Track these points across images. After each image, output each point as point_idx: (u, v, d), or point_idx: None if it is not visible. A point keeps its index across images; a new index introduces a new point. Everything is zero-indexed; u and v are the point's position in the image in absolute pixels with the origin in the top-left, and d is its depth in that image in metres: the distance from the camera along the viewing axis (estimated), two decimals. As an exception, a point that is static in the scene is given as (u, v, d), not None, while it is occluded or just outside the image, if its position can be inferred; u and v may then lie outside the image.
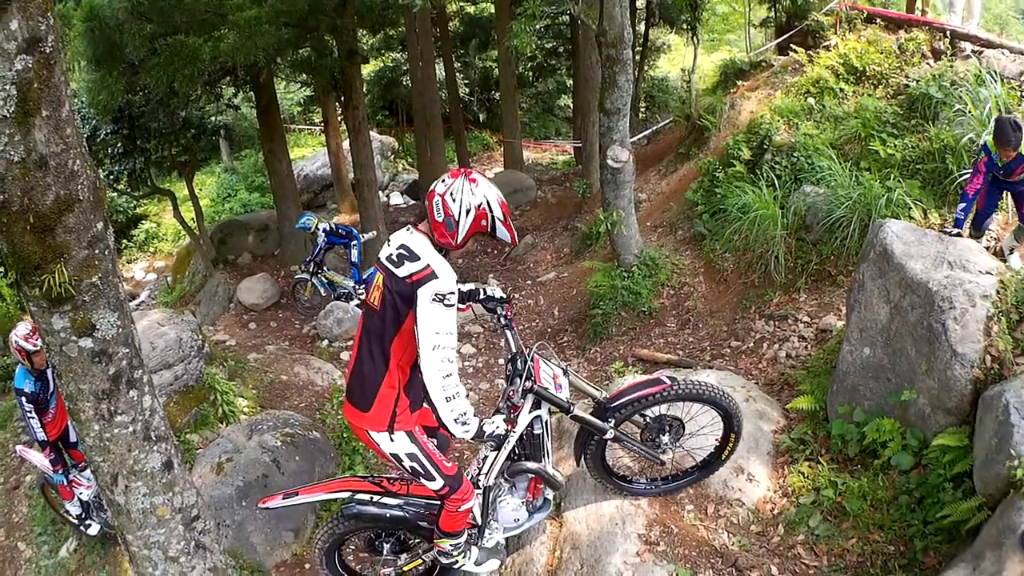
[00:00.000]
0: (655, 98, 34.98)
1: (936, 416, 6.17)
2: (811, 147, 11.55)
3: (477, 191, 5.03)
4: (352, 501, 5.84)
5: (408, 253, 4.99)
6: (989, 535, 4.99)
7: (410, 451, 5.34)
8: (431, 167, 22.19)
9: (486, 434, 5.50)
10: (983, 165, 8.08)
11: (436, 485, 5.48)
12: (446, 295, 4.80)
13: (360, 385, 5.28)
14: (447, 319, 4.83)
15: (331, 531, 6.06)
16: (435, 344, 4.80)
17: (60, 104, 3.87)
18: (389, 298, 4.99)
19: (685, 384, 6.08)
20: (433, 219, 5.04)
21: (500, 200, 5.14)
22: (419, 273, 4.86)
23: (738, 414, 6.29)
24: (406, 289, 4.87)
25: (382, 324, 5.08)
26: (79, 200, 4.07)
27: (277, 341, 15.42)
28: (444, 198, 4.99)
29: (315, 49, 17.41)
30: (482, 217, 5.05)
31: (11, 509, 10.53)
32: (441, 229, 5.04)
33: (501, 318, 6.18)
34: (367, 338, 5.23)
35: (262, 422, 10.04)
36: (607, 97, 11.50)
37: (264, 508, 5.94)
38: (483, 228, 5.10)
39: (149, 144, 19.58)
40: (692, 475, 6.70)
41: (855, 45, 13.45)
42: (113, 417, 4.70)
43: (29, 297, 4.28)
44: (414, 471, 5.43)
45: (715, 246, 12.19)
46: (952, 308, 6.06)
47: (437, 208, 5.00)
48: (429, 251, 5.00)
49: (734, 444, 6.47)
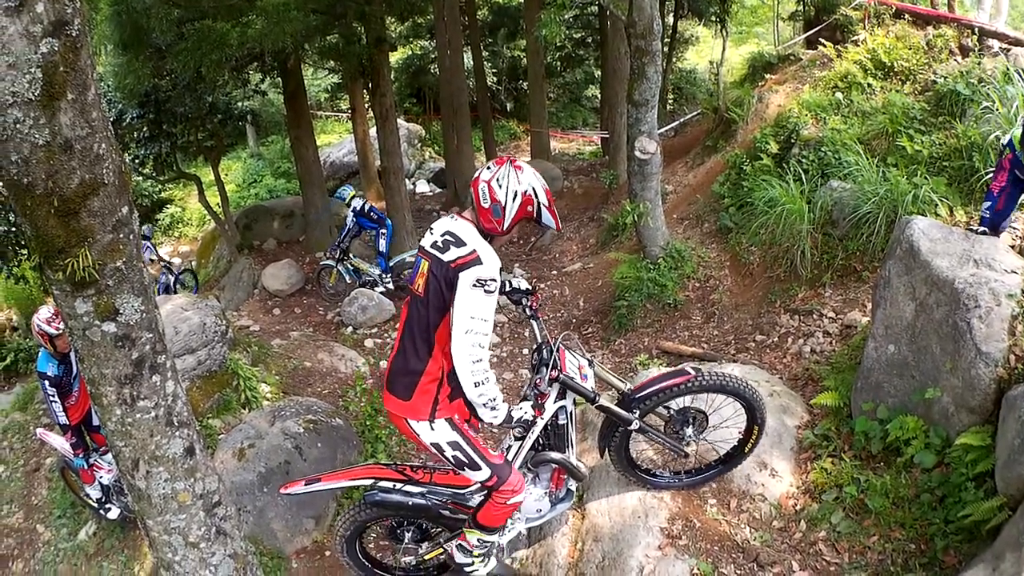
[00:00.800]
0: (683, 90, 34.90)
1: (959, 415, 6.12)
2: (838, 142, 11.48)
3: (523, 177, 5.08)
4: (374, 488, 5.85)
5: (454, 239, 5.01)
6: (1010, 535, 4.96)
7: (452, 439, 5.31)
8: (458, 155, 22.19)
9: (514, 419, 5.51)
10: (1007, 162, 7.99)
11: (483, 475, 5.45)
12: (487, 281, 4.82)
13: (402, 374, 5.27)
14: (485, 305, 4.86)
15: (353, 519, 6.07)
16: (468, 328, 4.82)
17: (86, 88, 3.87)
18: (434, 284, 4.99)
19: (709, 375, 6.05)
20: (479, 205, 5.07)
21: (545, 187, 5.19)
22: (464, 258, 4.88)
23: (761, 406, 6.26)
24: (450, 274, 4.89)
25: (427, 311, 5.08)
26: (104, 184, 4.07)
27: (301, 327, 15.44)
28: (490, 184, 5.03)
29: (343, 36, 17.43)
30: (528, 203, 5.09)
31: (31, 491, 10.59)
32: (487, 215, 5.07)
33: (526, 309, 6.19)
34: (411, 326, 5.22)
35: (285, 408, 10.06)
36: (635, 88, 11.46)
37: (286, 494, 5.97)
38: (529, 214, 5.15)
39: (175, 129, 19.64)
40: (715, 468, 6.67)
41: (883, 40, 13.36)
42: (135, 402, 4.71)
43: (52, 281, 4.28)
44: (457, 461, 5.39)
45: (741, 239, 12.15)
46: (977, 307, 6.01)
47: (483, 194, 5.05)
48: (475, 237, 5.02)
49: (757, 437, 6.43)
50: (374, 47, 17.37)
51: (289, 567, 8.49)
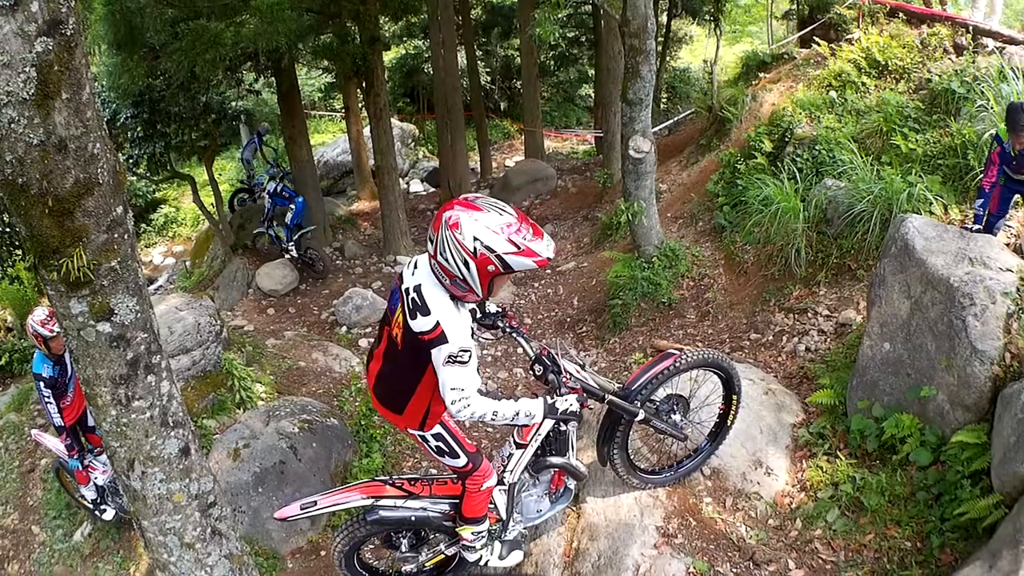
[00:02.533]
0: (676, 89, 34.86)
1: (955, 413, 6.15)
2: (833, 140, 11.51)
3: (464, 236, 4.42)
4: (375, 507, 5.81)
5: (421, 303, 4.66)
6: (1006, 533, 4.97)
7: (436, 432, 5.34)
8: (452, 155, 22.15)
9: (559, 411, 5.48)
10: (996, 156, 8.06)
11: (460, 462, 5.46)
12: (457, 355, 4.56)
13: (389, 393, 5.28)
14: (463, 374, 4.63)
15: (352, 535, 5.97)
16: (453, 399, 4.66)
17: (80, 87, 3.86)
18: (409, 343, 4.80)
19: (691, 353, 6.13)
20: (444, 285, 4.66)
21: (498, 227, 4.47)
22: (429, 334, 4.60)
23: (736, 375, 6.39)
24: (421, 344, 4.68)
25: (406, 363, 4.99)
26: (99, 183, 4.06)
27: (295, 327, 15.44)
28: (439, 262, 4.56)
29: (337, 35, 17.40)
30: (486, 263, 4.46)
31: (26, 492, 10.59)
32: (458, 292, 4.67)
33: (505, 329, 6.09)
34: (392, 361, 5.14)
35: (279, 408, 10.07)
36: (630, 87, 11.45)
37: (281, 520, 5.87)
38: (495, 272, 4.53)
39: (169, 128, 19.59)
40: (704, 450, 6.75)
41: (877, 39, 13.41)
42: (130, 402, 4.70)
43: (47, 281, 4.27)
44: (439, 450, 5.41)
45: (735, 238, 12.16)
46: (972, 305, 6.04)
47: (439, 274, 4.62)
48: (440, 304, 4.65)
49: (736, 406, 6.54)
50: (368, 46, 17.35)
51: (284, 567, 8.50)
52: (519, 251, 4.46)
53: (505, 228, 4.45)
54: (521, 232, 4.49)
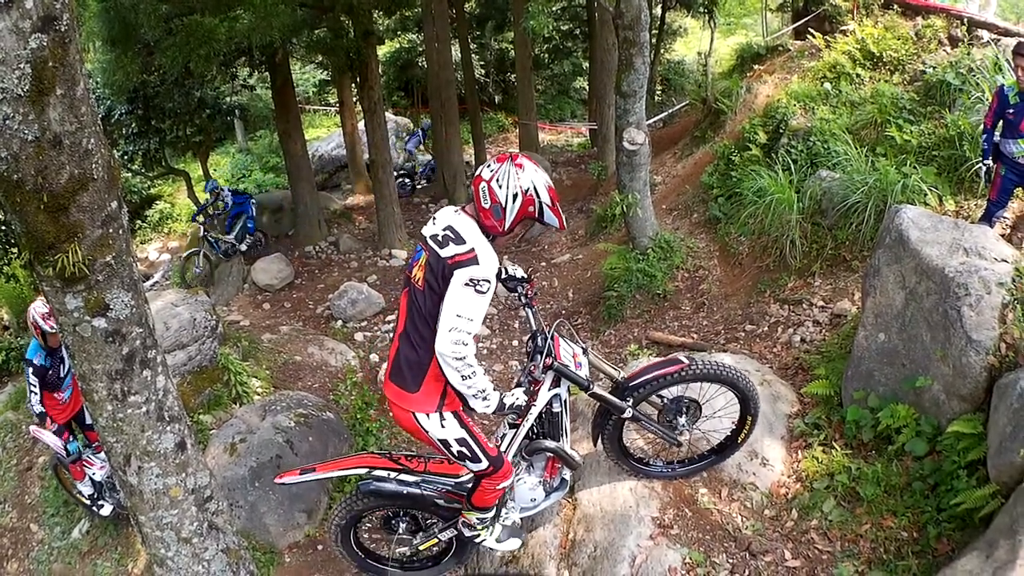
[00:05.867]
0: (671, 81, 34.83)
1: (950, 403, 6.15)
2: (827, 132, 11.51)
3: (524, 176, 4.98)
4: (369, 477, 5.84)
5: (454, 235, 4.97)
6: (1003, 523, 4.97)
7: (459, 436, 5.34)
8: (446, 148, 22.14)
9: (507, 406, 5.49)
10: (996, 96, 8.18)
11: (481, 466, 5.48)
12: (480, 281, 4.79)
13: (406, 365, 5.25)
14: (474, 304, 4.82)
15: (348, 508, 6.06)
16: (453, 326, 4.77)
17: (75, 83, 3.86)
18: (431, 279, 4.96)
19: (703, 364, 6.05)
20: (480, 206, 5.04)
21: (548, 184, 5.09)
22: (462, 255, 4.85)
23: (755, 396, 6.27)
24: (446, 271, 4.84)
25: (427, 304, 5.04)
26: (93, 179, 4.07)
27: (291, 322, 15.45)
28: (490, 184, 4.97)
29: (331, 30, 17.43)
30: (529, 203, 5.02)
31: (24, 490, 10.59)
32: (488, 215, 5.03)
33: (522, 297, 6.23)
34: (412, 318, 5.19)
35: (276, 403, 10.07)
36: (624, 79, 11.45)
37: (281, 483, 5.95)
38: (531, 214, 5.09)
39: (164, 124, 19.66)
40: (708, 459, 6.67)
41: (872, 31, 13.41)
42: (126, 397, 4.71)
43: (42, 277, 4.27)
44: (461, 455, 5.41)
45: (730, 229, 12.17)
46: (967, 295, 6.04)
47: (484, 195, 5.00)
48: (475, 234, 4.99)
49: (750, 427, 6.44)
50: (362, 41, 17.36)
51: (282, 561, 8.50)
52: (553, 207, 5.12)
53: (549, 190, 5.11)
54: (557, 199, 5.17)
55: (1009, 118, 8.02)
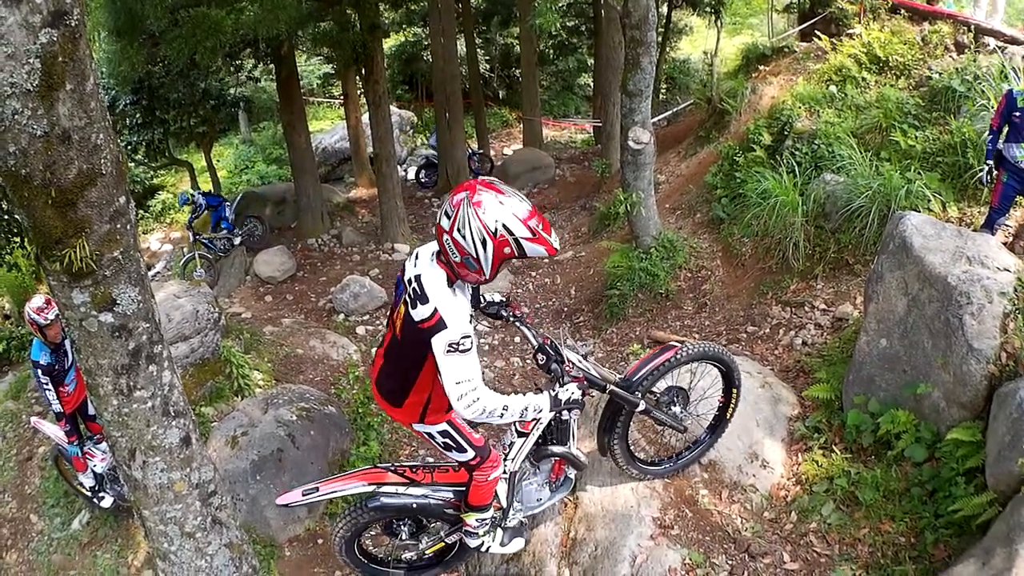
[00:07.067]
0: (676, 80, 34.81)
1: (950, 410, 6.18)
2: (832, 135, 11.52)
3: (487, 215, 4.40)
4: (377, 494, 5.82)
5: (420, 292, 4.62)
6: (1000, 531, 5.00)
7: (441, 428, 5.30)
8: (450, 143, 22.15)
9: (563, 402, 5.40)
10: (1004, 99, 8.25)
11: (467, 457, 5.44)
12: (458, 342, 4.49)
13: (389, 386, 5.25)
14: (465, 366, 4.56)
15: (353, 521, 5.92)
16: (458, 394, 4.57)
17: (84, 78, 3.87)
18: (409, 336, 4.77)
19: (692, 346, 6.15)
20: (452, 261, 4.57)
21: (520, 212, 4.47)
22: (428, 321, 4.54)
23: (736, 367, 6.40)
24: (421, 335, 4.61)
25: (406, 356, 4.97)
26: (102, 174, 4.08)
27: (293, 314, 15.45)
28: (452, 236, 4.47)
29: (337, 23, 17.45)
30: (503, 245, 4.44)
31: (24, 480, 10.60)
32: (464, 269, 4.57)
33: (509, 318, 6.04)
34: (392, 357, 5.13)
35: (277, 396, 10.08)
36: (630, 78, 11.46)
37: (282, 505, 5.84)
38: (509, 255, 4.50)
39: (168, 115, 19.69)
40: (704, 442, 6.76)
41: (879, 35, 13.40)
42: (132, 392, 4.73)
43: (49, 272, 4.29)
44: (446, 445, 5.39)
45: (733, 230, 12.19)
46: (969, 303, 6.06)
47: (451, 250, 4.51)
48: (439, 291, 4.60)
49: (736, 399, 6.56)
50: (368, 34, 17.37)
51: (282, 555, 8.53)
52: (534, 238, 4.46)
53: (525, 214, 4.45)
54: (538, 221, 4.51)
55: (1016, 121, 8.05)
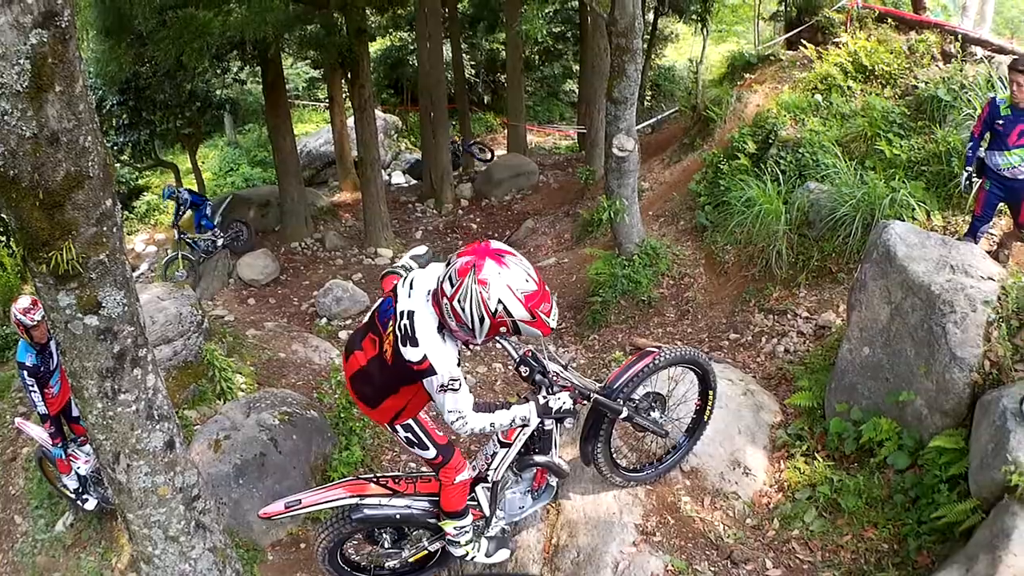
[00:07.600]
0: (661, 87, 34.93)
1: (933, 418, 6.21)
2: (817, 144, 11.57)
3: (490, 294, 4.41)
4: (360, 505, 5.82)
5: (411, 332, 4.68)
6: (983, 538, 5.04)
7: (405, 423, 5.37)
8: (435, 147, 22.16)
9: (554, 410, 5.52)
10: (987, 106, 8.27)
11: (429, 454, 5.49)
12: (448, 383, 4.68)
13: (367, 392, 5.31)
14: (457, 400, 4.81)
15: (336, 532, 5.97)
16: (452, 420, 4.90)
17: (74, 80, 3.87)
18: (399, 366, 4.79)
19: (670, 350, 6.20)
20: (447, 323, 4.65)
21: (521, 293, 4.46)
22: (418, 365, 4.64)
23: (712, 370, 6.48)
24: (411, 372, 4.73)
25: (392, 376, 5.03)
26: (89, 177, 4.07)
27: (276, 318, 15.42)
28: (453, 305, 4.51)
29: (323, 26, 17.47)
30: (500, 324, 4.52)
31: (7, 481, 10.55)
32: (458, 331, 4.67)
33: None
34: (374, 368, 5.17)
35: (260, 400, 10.04)
36: (615, 86, 11.47)
37: (265, 518, 5.89)
38: (505, 333, 4.67)
39: (154, 116, 19.69)
40: (684, 446, 6.79)
41: (865, 43, 13.46)
42: (116, 395, 4.71)
43: (35, 273, 4.28)
44: (408, 441, 5.44)
45: (717, 238, 12.20)
46: (953, 312, 6.10)
47: (447, 313, 4.57)
48: (429, 338, 4.67)
49: (712, 401, 6.62)
50: (354, 38, 17.40)
51: (265, 559, 8.49)
52: (533, 321, 4.53)
53: (528, 296, 4.48)
54: (540, 303, 4.54)
55: (998, 129, 8.08)
